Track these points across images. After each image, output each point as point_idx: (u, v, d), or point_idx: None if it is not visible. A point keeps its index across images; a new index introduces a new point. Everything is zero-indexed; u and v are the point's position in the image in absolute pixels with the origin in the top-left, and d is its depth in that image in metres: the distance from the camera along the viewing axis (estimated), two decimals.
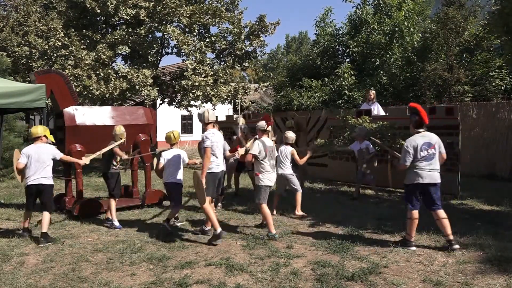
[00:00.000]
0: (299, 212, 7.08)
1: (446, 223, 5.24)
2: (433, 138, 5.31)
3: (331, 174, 10.89)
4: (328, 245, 5.50)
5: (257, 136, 6.33)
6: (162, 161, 6.22)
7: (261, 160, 6.00)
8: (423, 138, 5.29)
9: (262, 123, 6.32)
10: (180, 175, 6.23)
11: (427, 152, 5.22)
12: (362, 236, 5.91)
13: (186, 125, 29.89)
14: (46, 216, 5.83)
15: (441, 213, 5.28)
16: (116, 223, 6.56)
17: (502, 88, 12.66)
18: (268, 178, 6.03)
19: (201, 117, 5.83)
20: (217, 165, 5.81)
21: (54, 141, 6.73)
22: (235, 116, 8.47)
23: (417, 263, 4.83)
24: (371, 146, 8.30)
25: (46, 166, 5.86)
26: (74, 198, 7.71)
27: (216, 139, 5.76)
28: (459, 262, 4.81)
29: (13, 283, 4.39)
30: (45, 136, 6.02)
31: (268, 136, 6.24)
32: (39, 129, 6.00)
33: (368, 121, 8.49)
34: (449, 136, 8.50)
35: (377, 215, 6.95)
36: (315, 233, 6.12)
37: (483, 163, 11.07)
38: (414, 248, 5.28)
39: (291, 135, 7.15)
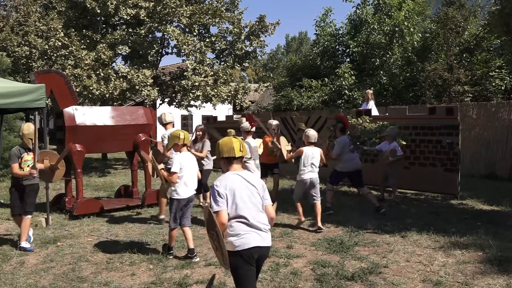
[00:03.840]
0: (319, 224, 6.18)
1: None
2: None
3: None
4: (328, 245, 5.51)
5: (241, 138, 6.33)
6: (177, 168, 4.96)
7: (247, 160, 6.19)
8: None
9: (246, 124, 6.63)
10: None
11: None
12: (362, 236, 5.92)
13: (186, 125, 29.87)
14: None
15: None
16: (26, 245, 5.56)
17: (502, 88, 12.67)
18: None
19: (160, 119, 6.39)
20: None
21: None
22: (235, 116, 8.42)
23: (417, 263, 4.83)
24: (399, 148, 7.96)
25: None
26: (74, 198, 7.70)
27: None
28: (459, 262, 4.81)
29: (13, 283, 4.39)
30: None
31: (252, 137, 6.45)
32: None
33: (368, 121, 8.48)
34: (449, 136, 8.50)
35: (377, 215, 6.95)
36: (315, 233, 6.12)
37: (483, 163, 11.08)
38: None
39: (312, 133, 6.33)
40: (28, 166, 5.59)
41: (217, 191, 2.93)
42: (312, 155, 6.25)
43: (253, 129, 6.57)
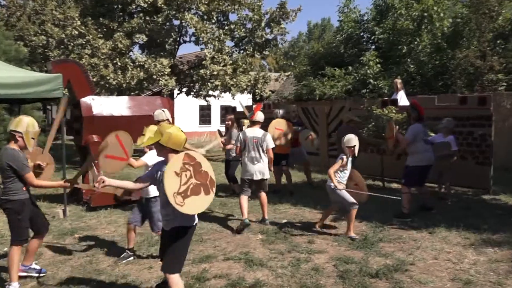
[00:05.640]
0: (351, 233, 5.69)
1: None
2: None
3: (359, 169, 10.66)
4: (351, 240, 5.46)
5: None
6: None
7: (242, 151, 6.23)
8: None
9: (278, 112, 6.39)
10: None
11: None
12: (387, 231, 5.84)
13: (204, 115, 29.89)
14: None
15: None
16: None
17: None
18: (245, 170, 6.20)
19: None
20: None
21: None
22: (275, 110, 8.54)
23: (446, 260, 4.75)
24: (455, 141, 7.57)
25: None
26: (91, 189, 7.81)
27: None
28: (491, 260, 4.70)
29: None
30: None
31: (259, 127, 6.31)
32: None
33: (394, 111, 8.34)
34: (481, 128, 8.28)
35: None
36: (337, 228, 6.08)
37: None
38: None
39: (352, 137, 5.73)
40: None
41: None
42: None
43: (258, 118, 6.31)
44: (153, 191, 4.77)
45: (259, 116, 6.36)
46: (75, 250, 5.29)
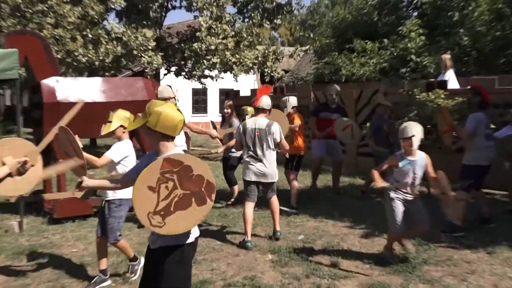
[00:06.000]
0: (389, 252, 5.52)
1: None
2: None
3: None
4: (386, 261, 5.43)
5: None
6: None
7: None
8: None
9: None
10: None
11: None
12: (434, 250, 5.82)
13: (199, 101, 29.81)
14: None
15: None
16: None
17: None
18: (246, 171, 6.23)
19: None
20: None
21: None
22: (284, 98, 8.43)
23: None
24: None
25: None
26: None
27: None
28: None
29: None
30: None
31: (267, 115, 6.30)
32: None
33: (442, 96, 8.26)
34: None
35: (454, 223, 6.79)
36: (368, 246, 6.07)
37: None
38: None
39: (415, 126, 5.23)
40: None
41: None
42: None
43: (263, 104, 6.28)
44: (116, 192, 4.80)
45: (264, 101, 6.30)
46: (33, 272, 5.26)
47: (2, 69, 6.92)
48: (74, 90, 7.77)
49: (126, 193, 4.55)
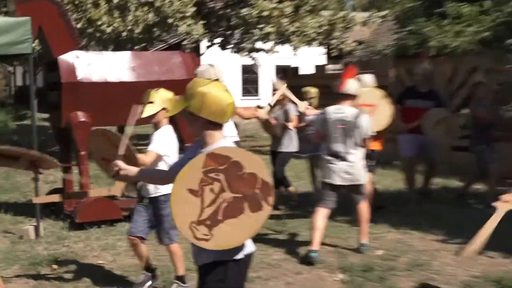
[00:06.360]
0: None
1: None
2: None
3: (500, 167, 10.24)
4: (490, 287, 5.38)
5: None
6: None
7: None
8: None
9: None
10: None
11: None
12: None
13: (249, 81, 29.58)
14: None
15: None
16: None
17: None
18: (323, 170, 6.34)
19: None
20: None
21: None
22: (330, 67, 8.40)
23: None
24: None
25: None
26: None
27: None
28: None
29: None
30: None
31: (351, 104, 6.26)
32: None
33: None
34: None
35: None
36: (467, 265, 5.97)
37: None
38: None
39: None
40: None
41: None
42: None
43: (349, 89, 6.27)
44: (158, 188, 4.96)
45: (351, 86, 6.28)
46: (52, 286, 5.38)
47: (12, 42, 7.03)
48: (97, 67, 7.85)
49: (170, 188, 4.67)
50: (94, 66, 7.89)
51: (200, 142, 3.30)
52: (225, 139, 3.30)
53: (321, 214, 6.22)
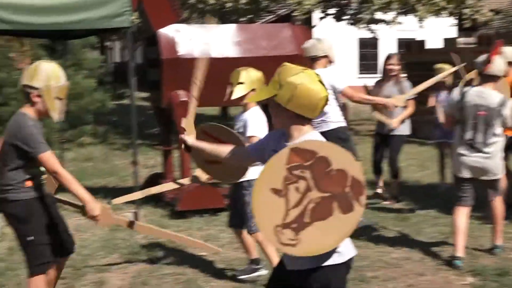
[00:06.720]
0: None
1: None
2: None
3: None
4: None
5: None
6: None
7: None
8: None
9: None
10: None
11: None
12: None
13: (367, 57, 29.17)
14: None
15: None
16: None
17: None
18: (457, 162, 5.92)
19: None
20: None
21: None
22: (461, 40, 7.88)
23: None
24: None
25: None
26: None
27: None
28: None
29: None
30: None
31: (494, 87, 5.76)
32: None
33: None
34: None
35: None
36: None
37: None
38: None
39: None
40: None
41: None
42: None
43: (494, 70, 5.74)
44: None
45: (497, 66, 5.73)
46: (152, 279, 5.43)
47: (110, 15, 7.06)
48: (199, 42, 7.68)
49: (254, 173, 4.35)
50: (196, 40, 7.80)
51: (284, 133, 3.18)
52: (314, 131, 3.14)
53: (461, 214, 5.89)
